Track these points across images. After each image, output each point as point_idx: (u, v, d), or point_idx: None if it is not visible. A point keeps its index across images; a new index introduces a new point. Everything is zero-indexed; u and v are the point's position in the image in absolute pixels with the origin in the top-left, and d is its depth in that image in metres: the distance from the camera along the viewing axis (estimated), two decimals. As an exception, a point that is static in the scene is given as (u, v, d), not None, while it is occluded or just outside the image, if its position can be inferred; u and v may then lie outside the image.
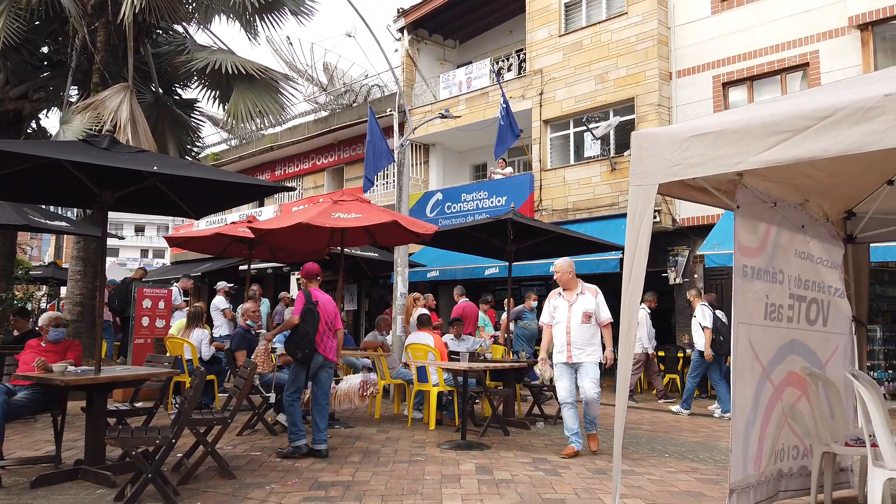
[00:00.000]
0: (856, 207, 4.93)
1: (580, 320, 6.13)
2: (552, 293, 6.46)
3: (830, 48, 11.24)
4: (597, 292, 6.27)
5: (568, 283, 6.31)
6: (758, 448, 3.88)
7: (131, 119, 9.41)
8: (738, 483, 3.65)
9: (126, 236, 57.11)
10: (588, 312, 6.14)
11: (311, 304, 5.96)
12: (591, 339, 6.15)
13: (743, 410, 3.74)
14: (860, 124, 2.59)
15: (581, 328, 6.13)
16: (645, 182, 3.24)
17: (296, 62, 20.86)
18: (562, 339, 6.18)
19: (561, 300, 6.31)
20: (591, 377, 6.10)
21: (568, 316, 6.18)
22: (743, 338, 3.74)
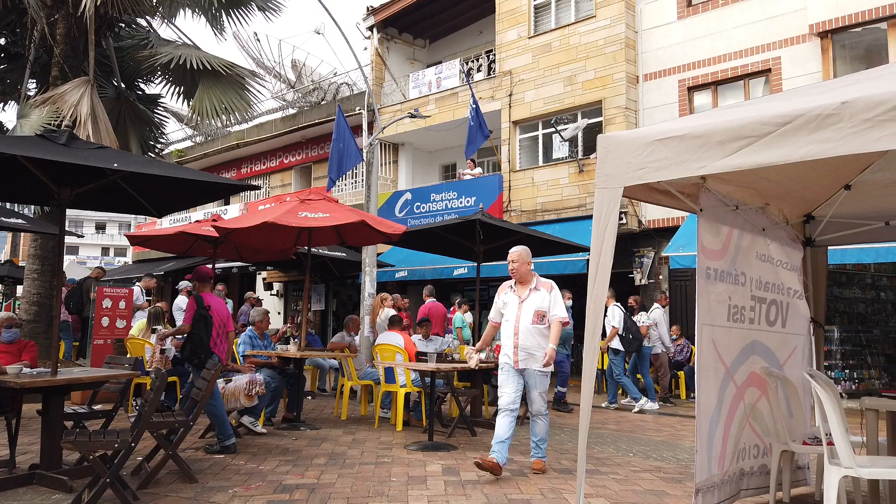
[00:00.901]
0: (814, 211, 5.06)
1: (531, 320, 5.30)
2: (503, 286, 5.61)
3: (792, 55, 11.51)
4: (552, 287, 5.45)
5: (524, 276, 5.47)
6: (721, 447, 3.95)
7: (92, 114, 9.18)
8: (703, 483, 3.71)
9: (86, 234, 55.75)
10: (541, 311, 5.32)
11: (202, 309, 6.03)
12: (543, 343, 5.30)
13: (707, 410, 3.80)
14: (818, 131, 2.65)
15: (531, 330, 5.29)
16: (610, 185, 3.26)
17: (263, 59, 20.62)
18: (508, 341, 5.37)
19: (511, 295, 5.49)
20: (540, 389, 5.30)
21: (517, 314, 5.35)
22: (706, 339, 3.80)
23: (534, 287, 5.44)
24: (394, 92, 17.68)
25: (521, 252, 5.48)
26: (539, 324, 5.32)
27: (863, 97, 2.56)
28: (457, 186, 15.36)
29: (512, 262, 5.48)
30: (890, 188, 4.54)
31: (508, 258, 5.49)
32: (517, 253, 5.49)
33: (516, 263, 5.47)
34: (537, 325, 5.32)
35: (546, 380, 5.36)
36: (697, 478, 3.69)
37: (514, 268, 5.48)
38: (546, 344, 5.28)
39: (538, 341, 5.30)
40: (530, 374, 5.31)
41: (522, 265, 5.47)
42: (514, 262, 5.47)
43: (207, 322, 5.96)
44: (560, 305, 5.40)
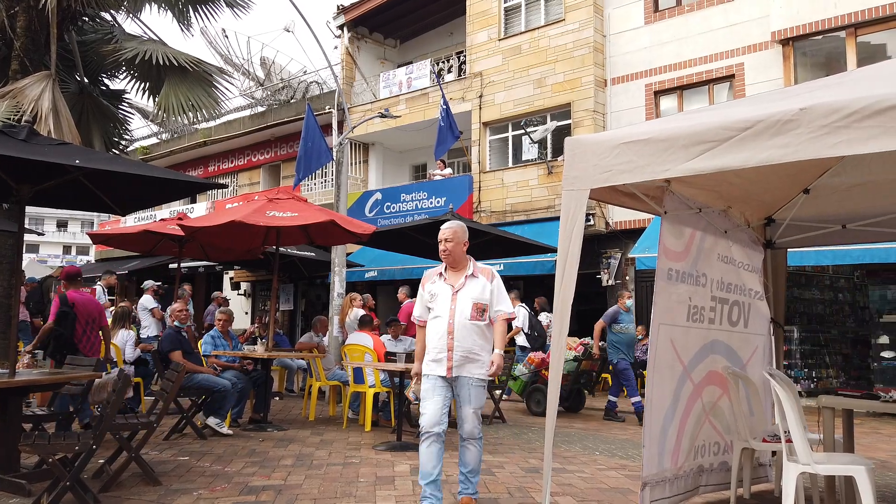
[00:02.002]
0: (775, 214, 5.19)
1: (469, 314, 4.14)
2: (428, 274, 4.43)
3: (755, 61, 11.78)
4: (493, 276, 4.33)
5: (458, 260, 4.30)
6: (675, 443, 4.05)
7: (53, 109, 8.94)
8: (651, 477, 3.81)
9: (47, 232, 54.36)
10: (480, 304, 4.17)
11: (66, 306, 6.27)
12: (483, 345, 4.19)
13: (660, 407, 3.91)
14: (777, 136, 2.72)
15: (469, 327, 4.14)
16: (577, 187, 3.31)
17: (231, 56, 20.35)
18: (439, 342, 4.16)
19: (442, 284, 4.29)
20: (476, 404, 4.13)
21: (451, 307, 4.17)
22: (664, 338, 3.90)
23: (470, 274, 4.26)
24: (364, 91, 17.61)
25: (455, 229, 4.29)
26: (479, 319, 4.16)
27: (821, 104, 2.64)
28: (427, 187, 15.37)
29: (445, 240, 4.25)
30: (847, 192, 4.69)
31: (440, 236, 4.28)
32: (451, 230, 4.28)
33: (451, 243, 4.24)
34: (477, 321, 4.15)
35: (484, 393, 4.21)
36: (645, 471, 3.80)
37: (448, 248, 4.25)
38: (488, 346, 4.20)
39: (478, 342, 4.15)
40: (464, 384, 4.10)
41: (458, 245, 4.26)
42: (449, 240, 4.24)
43: (70, 319, 6.23)
44: (506, 299, 4.32)
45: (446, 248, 4.28)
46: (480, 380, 4.16)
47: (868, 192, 4.64)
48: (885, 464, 6.19)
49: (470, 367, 4.13)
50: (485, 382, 4.19)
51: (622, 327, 8.84)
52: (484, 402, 4.26)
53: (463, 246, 4.31)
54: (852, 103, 2.58)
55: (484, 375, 4.13)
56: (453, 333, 4.13)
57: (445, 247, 4.28)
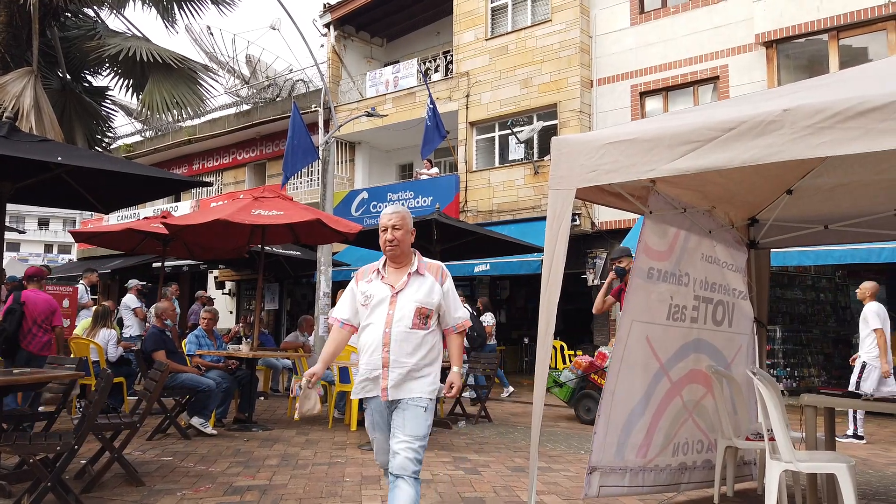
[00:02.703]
0: (758, 215, 5.24)
1: (410, 322, 3.21)
2: (363, 270, 3.46)
3: (738, 63, 11.88)
4: (444, 274, 3.38)
5: (401, 254, 3.32)
6: (644, 437, 4.12)
7: (35, 106, 8.83)
8: (604, 463, 3.95)
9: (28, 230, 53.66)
10: (425, 309, 3.25)
11: (16, 304, 6.51)
12: (427, 358, 3.26)
13: (626, 401, 4.02)
14: (761, 137, 2.75)
15: (410, 337, 3.21)
16: (563, 186, 3.32)
17: (217, 53, 20.22)
18: (373, 357, 3.23)
19: (379, 284, 3.32)
20: (414, 431, 3.14)
21: (388, 313, 3.24)
22: (638, 335, 3.97)
23: (415, 271, 3.31)
24: (350, 90, 17.56)
25: (403, 213, 3.35)
26: (422, 327, 3.23)
27: (804, 105, 2.67)
28: (413, 186, 15.35)
29: (393, 227, 3.27)
30: (829, 193, 4.75)
31: (384, 221, 3.30)
32: (399, 215, 3.32)
33: (399, 231, 3.27)
34: (420, 329, 3.22)
35: (427, 419, 3.19)
36: (594, 457, 3.92)
37: (396, 238, 3.27)
38: (435, 359, 3.28)
39: (422, 355, 3.22)
40: (402, 409, 3.18)
41: (406, 235, 3.32)
42: (397, 227, 3.28)
43: (16, 316, 6.43)
44: (460, 305, 3.44)
45: (394, 237, 3.25)
46: (424, 400, 3.16)
47: (850, 192, 4.69)
48: (866, 461, 6.27)
49: (412, 385, 3.19)
50: (430, 405, 3.19)
51: None
52: (427, 432, 3.15)
53: (411, 235, 3.34)
54: (835, 105, 2.61)
55: (428, 394, 3.18)
56: (389, 346, 3.16)
57: (393, 235, 3.25)
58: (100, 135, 11.69)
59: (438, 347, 3.33)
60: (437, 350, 3.33)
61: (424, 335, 3.24)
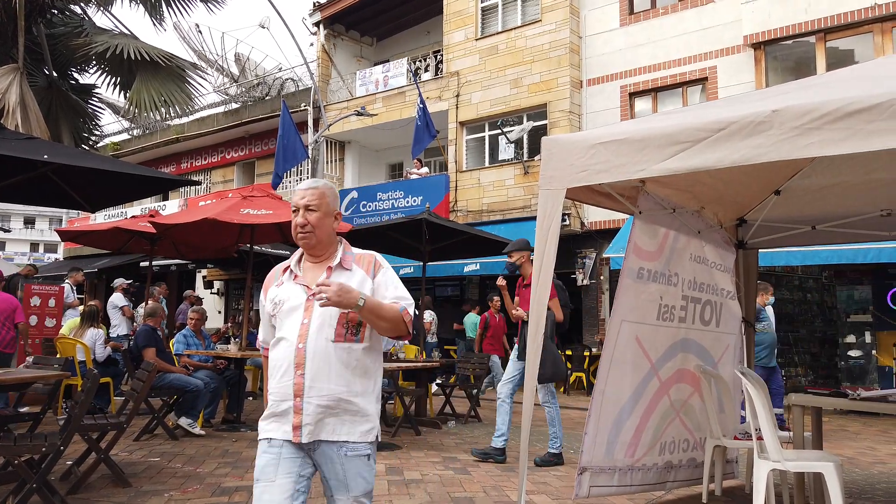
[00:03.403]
0: (747, 215, 5.27)
1: (333, 332, 2.31)
2: (275, 271, 2.55)
3: (727, 64, 11.95)
4: (378, 265, 2.47)
5: (322, 243, 2.43)
6: (633, 436, 4.14)
7: (21, 103, 8.74)
8: (594, 464, 3.96)
9: (14, 229, 53.13)
10: (354, 314, 2.29)
11: None
12: (361, 385, 2.34)
13: (615, 400, 4.03)
14: (750, 137, 2.76)
15: (334, 352, 2.30)
16: (553, 186, 3.32)
17: (205, 51, 20.10)
18: (282, 383, 2.31)
19: (291, 286, 2.43)
20: (358, 489, 2.32)
21: (304, 322, 2.33)
22: (628, 334, 3.98)
23: (337, 264, 2.42)
24: (340, 89, 17.51)
25: (323, 189, 2.44)
26: (351, 339, 2.32)
27: (792, 106, 2.69)
28: (403, 186, 15.33)
29: (306, 207, 2.39)
30: (817, 194, 4.78)
31: (297, 199, 2.43)
32: (315, 192, 2.42)
33: (314, 213, 2.38)
34: (347, 342, 2.31)
35: (371, 467, 2.35)
36: (585, 458, 3.93)
37: (311, 221, 2.38)
38: (372, 390, 2.37)
39: (351, 379, 2.31)
40: (331, 456, 2.29)
41: (324, 219, 2.41)
42: (312, 207, 2.39)
43: None
44: (401, 291, 2.42)
45: (306, 220, 2.35)
46: (364, 447, 2.28)
47: (837, 193, 4.73)
48: (852, 460, 6.33)
49: (338, 425, 2.25)
50: (370, 448, 2.30)
51: (764, 326, 7.61)
52: (373, 483, 2.35)
53: (333, 220, 2.42)
54: (823, 106, 2.62)
55: (367, 436, 2.28)
56: (304, 366, 2.24)
57: (305, 219, 2.36)
58: (86, 133, 11.59)
59: (378, 373, 2.36)
60: (376, 376, 2.35)
61: (355, 351, 2.27)
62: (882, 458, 6.53)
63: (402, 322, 2.32)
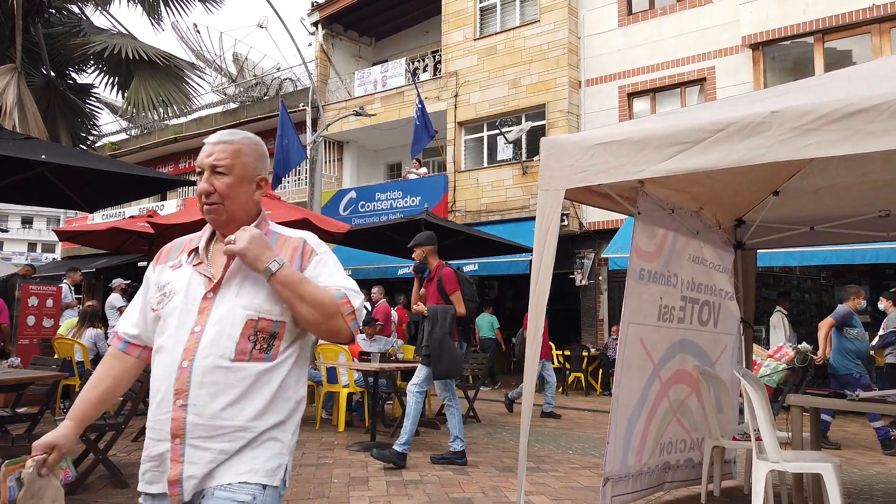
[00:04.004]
0: (745, 216, 5.28)
1: (234, 347, 1.61)
2: (178, 243, 1.84)
3: (725, 65, 11.96)
4: (303, 252, 1.74)
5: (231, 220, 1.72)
6: (641, 440, 4.12)
7: (19, 103, 8.73)
8: (615, 473, 3.88)
9: (11, 229, 53.05)
10: (266, 321, 1.65)
11: None
12: (271, 414, 1.64)
13: (627, 404, 3.98)
14: (749, 138, 2.76)
15: (231, 376, 1.60)
16: (552, 187, 3.32)
17: (203, 51, 20.09)
18: (159, 412, 1.64)
19: (187, 272, 1.72)
20: None
21: (194, 329, 1.63)
22: (634, 336, 3.95)
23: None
24: (339, 89, 17.50)
25: (238, 147, 1.74)
26: (258, 359, 1.64)
27: (791, 107, 2.68)
28: (402, 186, 15.32)
29: (214, 169, 1.71)
30: (815, 195, 4.79)
31: (203, 157, 1.72)
32: (229, 148, 1.73)
33: (226, 178, 1.71)
34: (250, 362, 1.63)
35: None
36: (608, 467, 3.86)
37: (219, 189, 1.70)
38: (290, 417, 1.71)
39: (259, 411, 1.64)
40: None
41: (239, 186, 1.73)
42: (221, 168, 1.70)
43: None
44: (342, 275, 1.76)
45: (212, 187, 1.71)
46: (250, 490, 1.61)
47: (835, 194, 4.73)
48: (850, 461, 6.34)
49: (235, 465, 1.62)
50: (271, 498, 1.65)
51: (857, 332, 7.13)
52: None
53: (254, 188, 1.77)
54: (821, 107, 2.62)
55: (265, 477, 1.64)
56: (188, 395, 1.61)
57: (211, 184, 1.71)
58: (84, 132, 11.58)
59: (300, 398, 1.71)
60: (297, 405, 1.71)
61: (265, 373, 1.63)
62: (881, 459, 6.54)
63: (338, 313, 1.63)
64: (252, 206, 1.78)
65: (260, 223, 1.78)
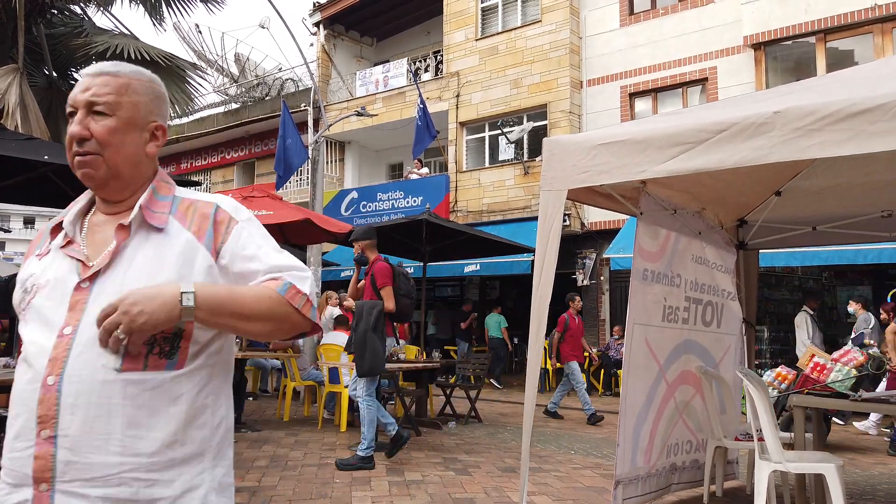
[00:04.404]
0: (747, 216, 5.27)
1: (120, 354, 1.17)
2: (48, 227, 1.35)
3: (727, 65, 11.95)
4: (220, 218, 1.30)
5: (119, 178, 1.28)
6: (648, 442, 4.10)
7: (21, 103, 8.74)
8: (625, 475, 3.86)
9: (14, 229, 53.13)
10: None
11: None
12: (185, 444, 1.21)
13: (634, 406, 3.96)
14: (752, 139, 2.76)
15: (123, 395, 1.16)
16: (555, 187, 3.32)
17: (205, 51, 20.12)
18: (17, 446, 1.16)
19: (58, 259, 1.27)
20: None
21: (63, 334, 1.18)
22: (639, 337, 3.94)
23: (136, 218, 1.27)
24: (340, 89, 17.51)
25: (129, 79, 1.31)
26: (156, 367, 1.20)
27: (794, 107, 2.68)
28: (403, 186, 15.33)
29: (91, 108, 1.26)
30: (818, 195, 4.78)
31: (77, 92, 1.29)
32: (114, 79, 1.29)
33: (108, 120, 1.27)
34: (146, 372, 1.19)
35: None
36: (619, 470, 3.84)
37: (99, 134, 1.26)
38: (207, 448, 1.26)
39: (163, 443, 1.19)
40: None
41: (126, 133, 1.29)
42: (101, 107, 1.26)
43: None
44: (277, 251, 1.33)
45: (87, 131, 1.26)
46: None
47: (838, 194, 4.73)
48: (853, 461, 6.33)
49: None
50: None
51: None
52: None
53: (147, 139, 1.36)
54: (825, 107, 2.62)
55: None
56: (57, 419, 1.15)
57: (86, 128, 1.26)
58: (86, 133, 11.57)
59: (215, 417, 1.30)
60: (212, 424, 1.29)
61: (163, 386, 1.22)
62: (883, 459, 6.53)
63: (290, 311, 1.27)
64: (144, 161, 1.33)
65: (157, 185, 1.34)
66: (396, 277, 5.83)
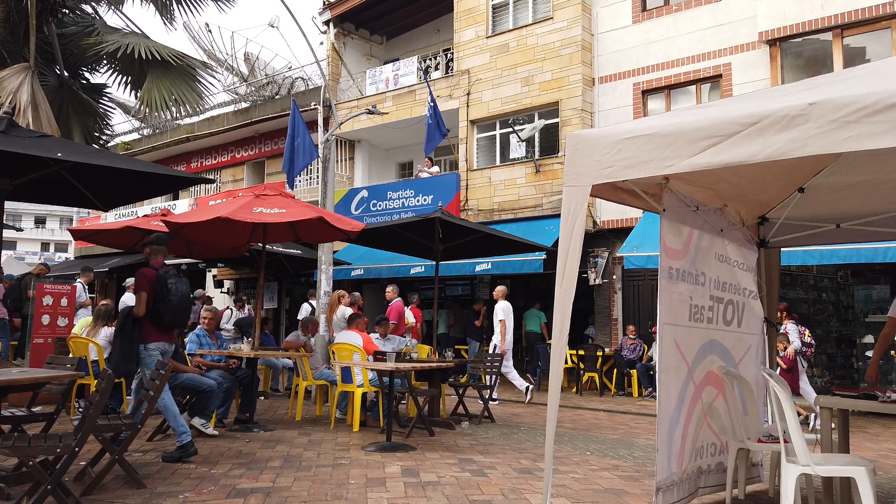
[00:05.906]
0: (769, 213, 5.17)
1: None
2: None
3: (742, 61, 11.81)
4: None
5: None
6: (681, 446, 3.99)
7: (32, 102, 8.74)
8: (663, 481, 3.73)
9: (25, 228, 53.44)
10: None
11: None
12: None
13: (668, 409, 3.83)
14: (785, 131, 2.67)
15: None
16: (578, 183, 3.24)
17: (215, 51, 20.09)
18: None
19: None
20: None
21: None
22: (668, 338, 3.83)
23: None
24: (350, 88, 17.46)
25: None
26: None
27: (830, 99, 2.60)
28: (414, 184, 15.26)
29: None
30: (842, 191, 4.67)
31: None
32: None
33: None
34: None
35: None
36: (658, 476, 3.71)
37: None
38: None
39: None
40: None
41: None
42: None
43: None
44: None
45: None
46: None
47: (862, 191, 4.62)
48: (874, 462, 6.20)
49: None
50: None
51: None
52: None
53: None
54: (862, 98, 2.53)
55: None
56: None
57: None
58: (97, 132, 11.61)
59: None
60: None
61: None
62: (905, 461, 6.41)
63: None
64: None
65: None
66: (158, 282, 5.73)
